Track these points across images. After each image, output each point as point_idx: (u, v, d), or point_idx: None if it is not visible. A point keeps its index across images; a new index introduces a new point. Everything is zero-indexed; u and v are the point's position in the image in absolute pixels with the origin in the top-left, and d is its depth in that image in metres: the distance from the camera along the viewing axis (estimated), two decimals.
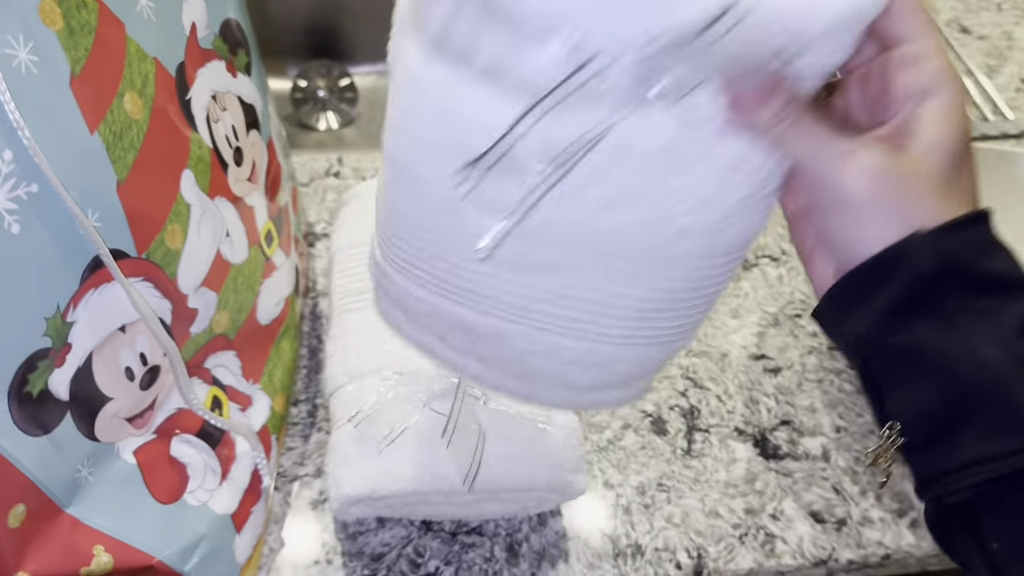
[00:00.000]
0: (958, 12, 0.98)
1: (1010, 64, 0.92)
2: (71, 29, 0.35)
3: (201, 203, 0.44)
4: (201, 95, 0.45)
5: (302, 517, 0.52)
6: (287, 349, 0.54)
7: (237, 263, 0.47)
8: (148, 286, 0.41)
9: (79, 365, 0.38)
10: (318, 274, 0.64)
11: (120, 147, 0.38)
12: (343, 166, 0.73)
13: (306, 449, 0.55)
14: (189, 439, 0.45)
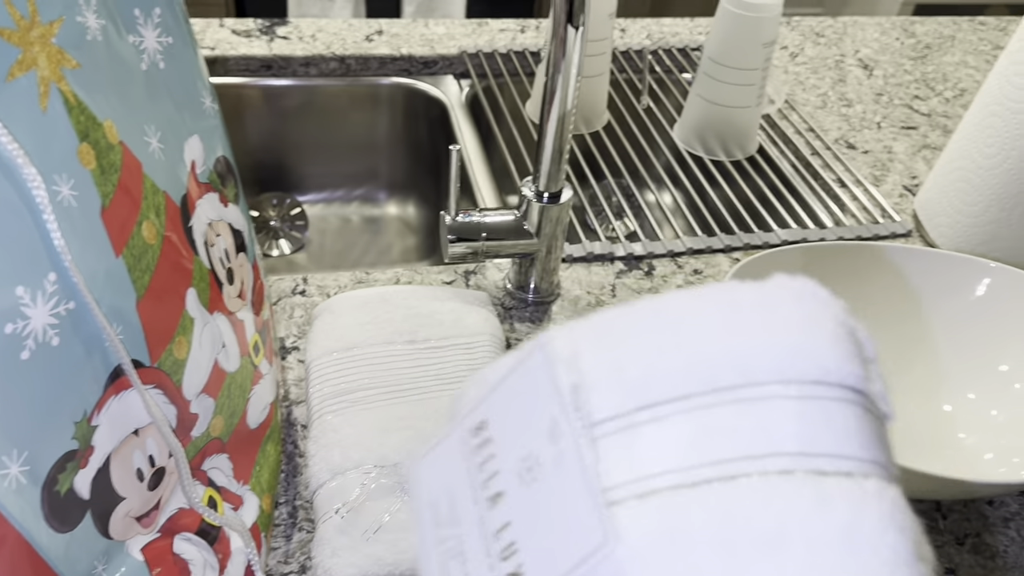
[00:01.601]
0: (844, 131, 1.11)
1: (892, 174, 1.04)
2: (102, 168, 0.41)
3: (202, 317, 0.49)
4: (200, 223, 0.50)
5: None
6: (272, 451, 0.58)
7: (231, 371, 0.52)
8: (159, 393, 0.45)
9: (99, 466, 0.42)
10: (290, 384, 0.69)
11: (139, 268, 0.43)
12: (308, 285, 0.78)
13: (289, 548, 0.59)
14: (190, 536, 0.49)
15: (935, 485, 0.59)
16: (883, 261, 0.74)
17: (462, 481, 0.30)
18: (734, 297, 0.29)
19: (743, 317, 0.28)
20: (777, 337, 0.27)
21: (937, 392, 0.73)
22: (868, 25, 1.39)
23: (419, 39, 1.17)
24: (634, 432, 0.26)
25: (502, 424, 0.30)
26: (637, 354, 0.27)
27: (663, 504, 0.25)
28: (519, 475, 0.28)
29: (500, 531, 0.28)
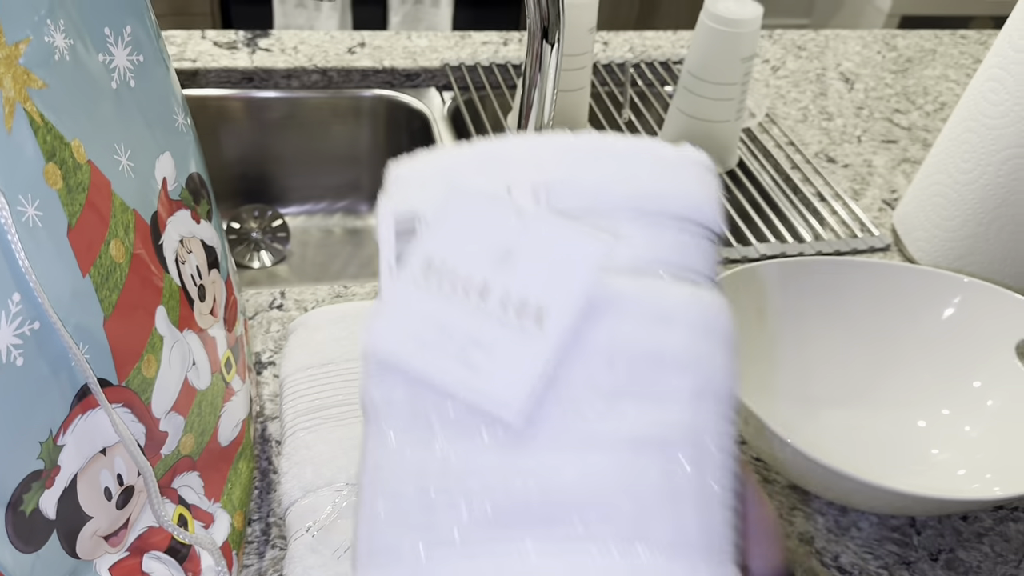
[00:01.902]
0: (824, 144, 1.12)
1: (872, 188, 1.04)
2: (69, 188, 0.41)
3: (172, 335, 0.49)
4: (171, 240, 0.50)
5: None
6: (244, 469, 0.58)
7: (202, 389, 0.52)
8: (126, 411, 0.45)
9: (65, 486, 0.42)
10: (265, 400, 0.69)
11: (106, 287, 0.43)
12: (285, 299, 0.78)
13: (262, 565, 0.58)
14: (159, 555, 0.49)
15: (908, 502, 0.59)
16: (858, 276, 0.74)
17: (437, 305, 0.34)
18: (660, 150, 0.37)
19: (664, 165, 0.36)
20: (681, 184, 0.36)
21: (912, 407, 0.73)
22: (850, 38, 1.40)
23: (402, 51, 1.17)
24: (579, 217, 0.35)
25: (453, 248, 0.35)
26: (578, 172, 0.36)
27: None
28: (495, 264, 0.34)
29: (504, 301, 0.34)
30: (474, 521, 0.32)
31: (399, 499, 0.33)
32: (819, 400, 0.74)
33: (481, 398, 0.33)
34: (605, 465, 0.31)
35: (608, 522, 0.31)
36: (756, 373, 0.72)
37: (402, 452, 0.33)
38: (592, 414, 0.32)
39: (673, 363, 0.33)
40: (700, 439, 0.33)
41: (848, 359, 0.75)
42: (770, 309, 0.74)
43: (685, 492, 0.32)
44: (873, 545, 0.66)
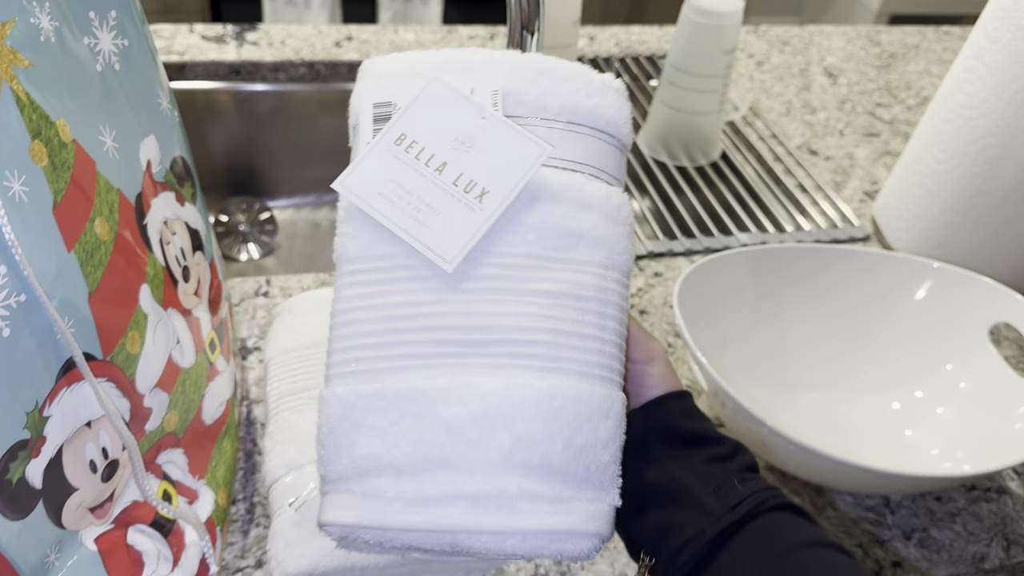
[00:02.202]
0: (807, 137, 1.13)
1: (853, 180, 1.06)
2: (55, 166, 0.42)
3: (156, 313, 0.50)
4: (155, 221, 0.51)
5: None
6: (228, 448, 0.59)
7: (186, 367, 0.53)
8: (111, 386, 0.46)
9: (51, 456, 0.43)
10: (251, 384, 0.70)
11: (91, 264, 0.44)
12: (271, 287, 0.79)
13: (246, 543, 0.59)
14: (143, 529, 0.50)
15: (882, 480, 0.61)
16: (834, 264, 0.76)
17: (402, 170, 0.43)
18: (590, 76, 0.46)
19: (592, 88, 0.46)
20: (604, 104, 0.46)
21: (887, 391, 0.75)
22: (834, 34, 1.41)
23: (388, 45, 1.18)
24: (522, 122, 0.44)
25: (422, 130, 0.44)
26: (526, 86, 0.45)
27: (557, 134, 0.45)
28: (455, 149, 0.43)
29: (456, 179, 0.43)
30: (424, 345, 0.41)
31: (364, 326, 0.41)
32: (797, 385, 0.75)
33: (424, 248, 0.42)
34: (531, 311, 0.41)
35: (532, 352, 0.40)
36: (735, 359, 0.73)
37: (370, 293, 0.42)
38: (524, 273, 0.42)
39: (589, 240, 0.43)
40: (604, 297, 0.43)
41: (826, 345, 0.77)
42: (748, 296, 0.76)
43: (590, 334, 0.42)
44: (848, 524, 0.67)
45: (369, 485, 0.39)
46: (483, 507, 0.39)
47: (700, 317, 0.69)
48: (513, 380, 0.40)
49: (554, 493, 0.39)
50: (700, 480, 0.42)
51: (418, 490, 0.39)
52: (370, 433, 0.40)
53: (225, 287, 0.64)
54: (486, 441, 0.39)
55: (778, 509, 0.42)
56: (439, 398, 0.39)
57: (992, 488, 0.71)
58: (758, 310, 0.76)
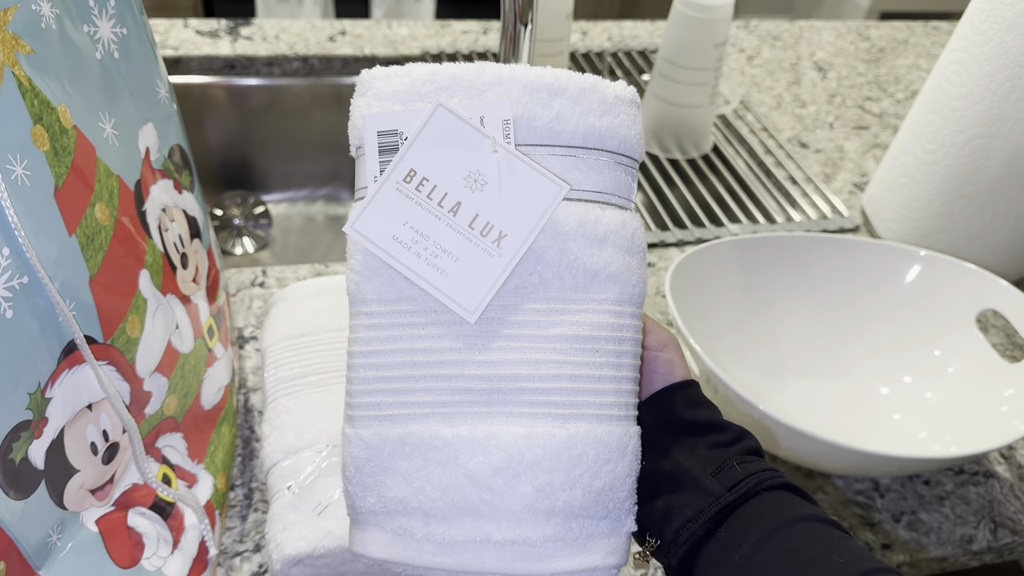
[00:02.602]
0: (797, 130, 1.14)
1: (843, 172, 1.07)
2: (56, 151, 0.42)
3: (156, 299, 0.50)
4: (154, 208, 0.52)
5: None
6: (227, 433, 0.60)
7: (185, 352, 0.53)
8: (112, 369, 0.47)
9: (53, 438, 0.43)
10: (248, 373, 0.70)
11: (92, 248, 0.45)
12: (267, 277, 0.80)
13: (244, 528, 0.60)
14: (143, 511, 0.50)
15: (871, 462, 0.62)
16: (819, 252, 0.77)
17: (415, 211, 0.42)
18: (604, 89, 0.44)
19: (606, 105, 0.44)
20: (618, 123, 0.44)
21: (876, 376, 0.76)
22: (824, 29, 1.43)
23: (382, 40, 1.19)
24: (534, 152, 0.43)
25: (432, 166, 0.42)
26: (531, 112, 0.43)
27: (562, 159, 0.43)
28: (468, 188, 0.42)
29: (472, 221, 0.42)
30: (446, 393, 0.41)
31: (385, 371, 0.42)
32: (787, 371, 0.76)
33: (445, 297, 0.41)
34: (548, 357, 0.41)
35: (551, 400, 0.41)
36: (726, 346, 0.74)
37: (388, 337, 0.42)
38: (541, 318, 0.42)
39: (604, 276, 0.43)
40: (619, 334, 0.43)
41: (815, 332, 0.78)
42: (738, 285, 0.76)
43: (607, 375, 0.42)
44: (838, 507, 0.68)
45: (398, 524, 0.41)
46: (510, 552, 0.40)
47: (692, 305, 0.70)
48: (533, 430, 0.40)
49: (575, 536, 0.41)
50: (702, 464, 0.43)
51: (446, 534, 0.40)
52: (396, 477, 0.41)
53: (223, 275, 0.65)
54: (510, 491, 0.40)
55: (776, 488, 0.43)
56: (462, 448, 0.40)
57: (980, 472, 0.72)
58: (748, 298, 0.77)
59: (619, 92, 0.44)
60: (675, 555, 0.43)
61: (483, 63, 0.44)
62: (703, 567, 0.42)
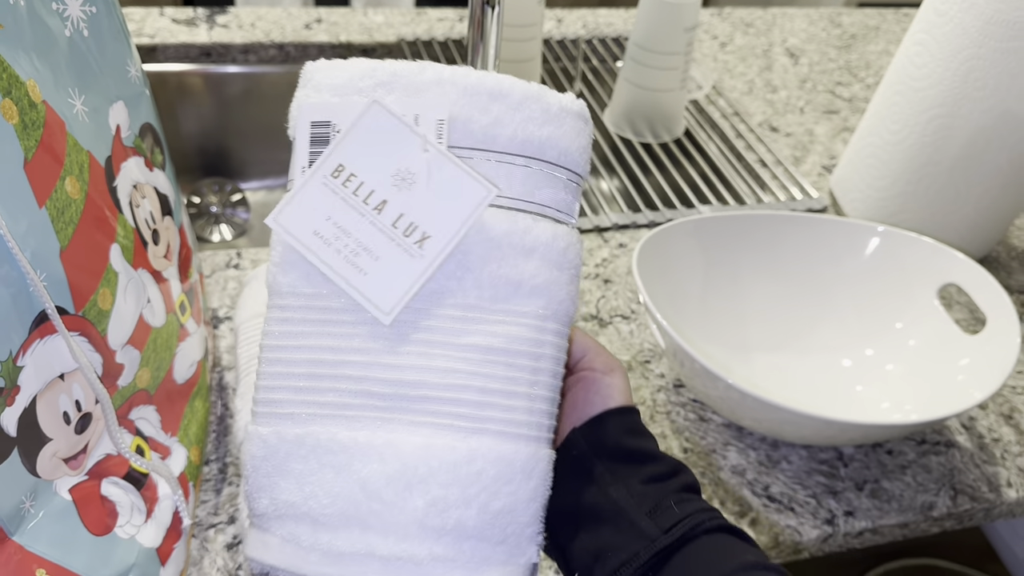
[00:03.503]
0: (768, 115, 1.16)
1: (812, 155, 1.09)
2: (25, 124, 0.43)
3: (127, 272, 0.51)
4: (125, 184, 0.53)
5: (219, 558, 0.58)
6: (200, 407, 0.61)
7: (157, 326, 0.54)
8: (83, 340, 0.48)
9: (25, 406, 0.44)
10: (223, 352, 0.71)
11: (62, 220, 0.45)
12: (242, 259, 0.81)
13: (218, 501, 0.61)
14: (117, 481, 0.51)
15: (834, 430, 0.63)
16: (781, 229, 0.78)
17: (339, 207, 0.41)
18: (547, 99, 0.43)
19: (548, 115, 0.43)
20: (559, 134, 0.43)
21: (839, 350, 0.77)
22: (797, 16, 1.44)
23: (358, 27, 1.19)
24: (468, 155, 0.42)
25: (361, 162, 0.41)
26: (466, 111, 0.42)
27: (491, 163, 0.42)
28: (395, 186, 0.41)
29: (396, 221, 0.40)
30: (349, 395, 0.40)
31: (291, 367, 0.41)
32: (753, 346, 0.78)
33: (360, 297, 0.40)
34: (459, 367, 0.40)
35: (456, 412, 0.39)
36: (693, 322, 0.75)
37: (299, 332, 0.41)
38: (457, 325, 0.40)
39: (528, 289, 0.41)
40: (538, 350, 0.41)
41: (780, 307, 0.79)
42: (703, 262, 0.78)
43: (520, 391, 0.40)
44: (802, 476, 0.69)
45: (288, 530, 0.40)
46: (395, 568, 0.39)
47: (659, 282, 0.71)
48: (433, 440, 0.39)
49: (466, 558, 0.39)
50: (637, 502, 0.42)
51: (332, 544, 0.39)
52: (290, 479, 0.40)
53: (195, 255, 0.66)
54: (401, 503, 0.39)
55: (715, 531, 0.41)
56: (358, 453, 0.39)
57: (941, 442, 0.74)
58: (714, 275, 0.78)
59: (565, 103, 0.43)
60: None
61: (426, 62, 0.43)
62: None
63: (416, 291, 0.40)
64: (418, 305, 0.40)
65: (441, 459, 0.39)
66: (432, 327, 0.40)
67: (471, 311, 0.40)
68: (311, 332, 0.41)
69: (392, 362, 0.40)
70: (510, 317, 0.41)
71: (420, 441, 0.39)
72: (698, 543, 0.40)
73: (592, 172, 1.03)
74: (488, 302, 0.41)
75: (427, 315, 0.40)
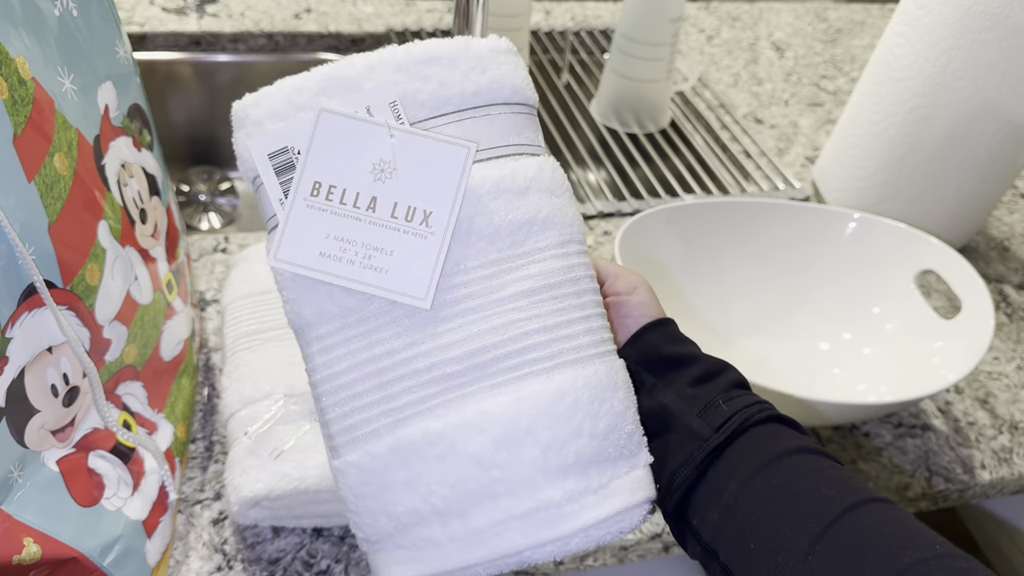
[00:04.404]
0: (753, 107, 1.17)
1: (796, 146, 1.10)
2: (14, 100, 0.44)
3: (114, 249, 0.52)
4: (113, 163, 0.54)
5: (204, 533, 0.59)
6: (187, 385, 0.61)
7: (144, 303, 0.55)
8: (71, 315, 0.48)
9: (14, 377, 0.45)
10: (210, 334, 0.72)
11: (51, 196, 0.46)
12: (229, 243, 0.81)
13: (205, 478, 0.62)
14: (104, 454, 0.52)
15: (810, 411, 0.65)
16: (759, 216, 0.79)
17: (333, 221, 0.41)
18: (475, 48, 0.44)
19: (483, 62, 0.43)
20: (500, 74, 0.44)
21: (818, 334, 0.79)
22: (783, 10, 1.46)
23: (347, 17, 1.20)
24: (430, 126, 0.42)
25: (334, 171, 0.41)
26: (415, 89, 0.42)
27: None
28: (377, 180, 0.41)
29: (394, 211, 0.41)
30: (421, 388, 0.39)
31: (353, 389, 0.40)
32: (733, 331, 0.79)
33: (391, 294, 0.40)
34: (512, 318, 0.40)
35: (528, 359, 0.40)
36: (674, 307, 0.77)
37: (346, 354, 0.40)
38: (492, 282, 0.41)
39: (538, 225, 0.42)
40: (572, 274, 0.42)
41: (760, 294, 0.80)
42: (684, 249, 0.79)
43: (574, 317, 0.41)
44: None
45: (417, 536, 0.39)
46: (536, 522, 0.39)
47: (641, 269, 0.73)
48: (521, 393, 0.39)
49: (596, 483, 0.40)
50: (687, 405, 0.43)
51: (467, 527, 0.38)
52: (400, 489, 0.39)
53: (183, 236, 0.66)
54: (517, 460, 0.39)
55: (765, 422, 0.43)
56: (456, 435, 0.39)
57: (917, 425, 0.75)
58: (693, 261, 0.79)
59: (493, 45, 0.44)
60: (670, 500, 0.43)
61: (350, 56, 0.43)
62: (695, 509, 0.42)
63: (441, 267, 0.40)
64: (449, 281, 0.40)
65: (536, 406, 0.39)
66: (471, 293, 0.40)
67: (499, 264, 0.41)
68: (358, 348, 0.40)
69: (450, 340, 0.40)
70: (535, 256, 0.42)
71: (508, 399, 0.39)
72: (748, 435, 0.42)
73: (579, 161, 1.04)
74: (509, 249, 0.41)
75: (461, 285, 0.40)
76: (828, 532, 0.37)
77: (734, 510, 0.40)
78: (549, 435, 0.39)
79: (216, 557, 0.58)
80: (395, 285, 0.40)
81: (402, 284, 0.40)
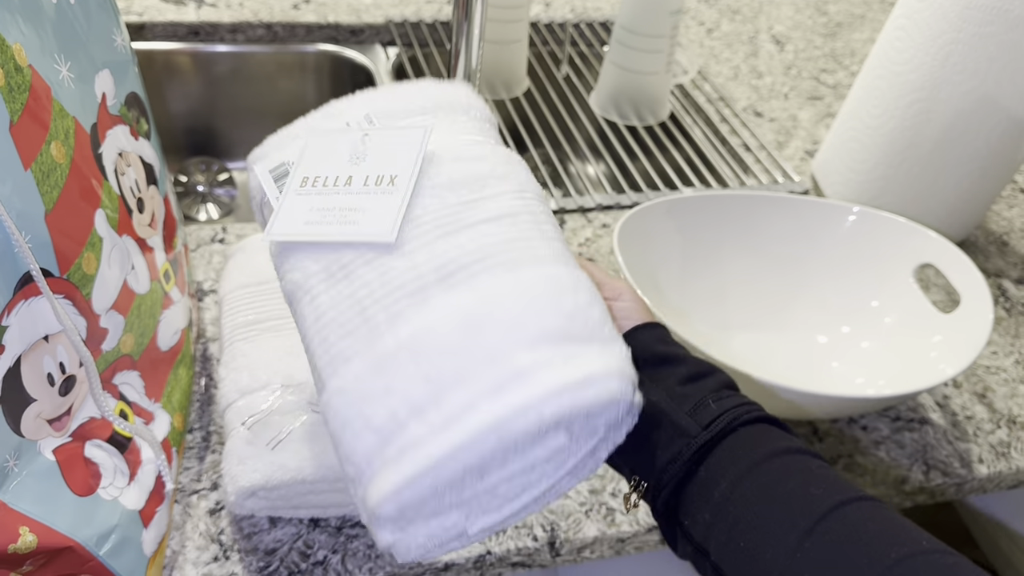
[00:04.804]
0: (752, 100, 1.17)
1: (795, 140, 1.10)
2: (10, 87, 0.44)
3: (111, 238, 0.52)
4: (110, 151, 0.54)
5: (201, 523, 0.59)
6: (184, 375, 0.61)
7: (141, 293, 0.55)
8: (68, 303, 0.48)
9: (10, 365, 0.45)
10: (207, 324, 0.72)
11: (48, 184, 0.46)
12: (227, 233, 0.81)
13: (202, 468, 0.62)
14: (100, 444, 0.52)
15: (809, 403, 0.65)
16: (759, 209, 0.79)
17: (317, 198, 0.47)
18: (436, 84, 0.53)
19: (443, 87, 0.53)
20: (460, 93, 0.53)
21: (816, 328, 0.78)
22: (783, 4, 1.45)
23: (346, 7, 1.20)
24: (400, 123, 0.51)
25: (319, 166, 0.49)
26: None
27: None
28: (352, 163, 0.48)
29: (365, 182, 0.47)
30: (396, 303, 0.42)
31: (337, 328, 0.43)
32: (732, 324, 0.79)
33: (363, 237, 0.45)
34: (476, 236, 0.44)
35: (494, 263, 0.43)
36: (672, 301, 0.76)
37: (331, 298, 0.44)
38: (454, 217, 0.45)
39: (495, 178, 0.47)
40: (531, 209, 0.46)
41: (758, 287, 0.80)
42: (683, 242, 0.79)
43: (533, 235, 0.45)
44: None
45: (401, 442, 0.39)
46: (507, 391, 0.38)
47: (640, 261, 0.72)
48: (482, 286, 0.41)
49: (564, 352, 0.40)
50: (677, 403, 0.44)
51: (443, 414, 0.38)
52: (381, 398, 0.40)
53: (180, 226, 0.66)
54: (483, 340, 0.39)
55: (753, 422, 0.43)
56: (424, 332, 0.40)
57: (915, 419, 0.75)
58: (692, 254, 0.79)
59: (453, 84, 0.53)
60: (659, 497, 0.44)
61: (328, 104, 0.53)
62: (686, 509, 0.43)
63: (404, 211, 0.45)
64: (415, 221, 0.45)
65: (499, 291, 0.41)
66: (437, 227, 0.44)
67: (459, 207, 0.45)
68: (340, 291, 0.44)
69: (418, 260, 0.43)
70: (493, 198, 0.46)
71: (472, 294, 0.41)
72: (737, 435, 0.43)
73: (578, 154, 1.04)
74: (468, 196, 0.46)
75: (427, 223, 0.45)
76: (816, 529, 0.38)
77: (725, 509, 0.41)
78: (512, 315, 0.40)
79: (213, 547, 0.58)
80: (365, 230, 0.45)
81: (371, 229, 0.45)
